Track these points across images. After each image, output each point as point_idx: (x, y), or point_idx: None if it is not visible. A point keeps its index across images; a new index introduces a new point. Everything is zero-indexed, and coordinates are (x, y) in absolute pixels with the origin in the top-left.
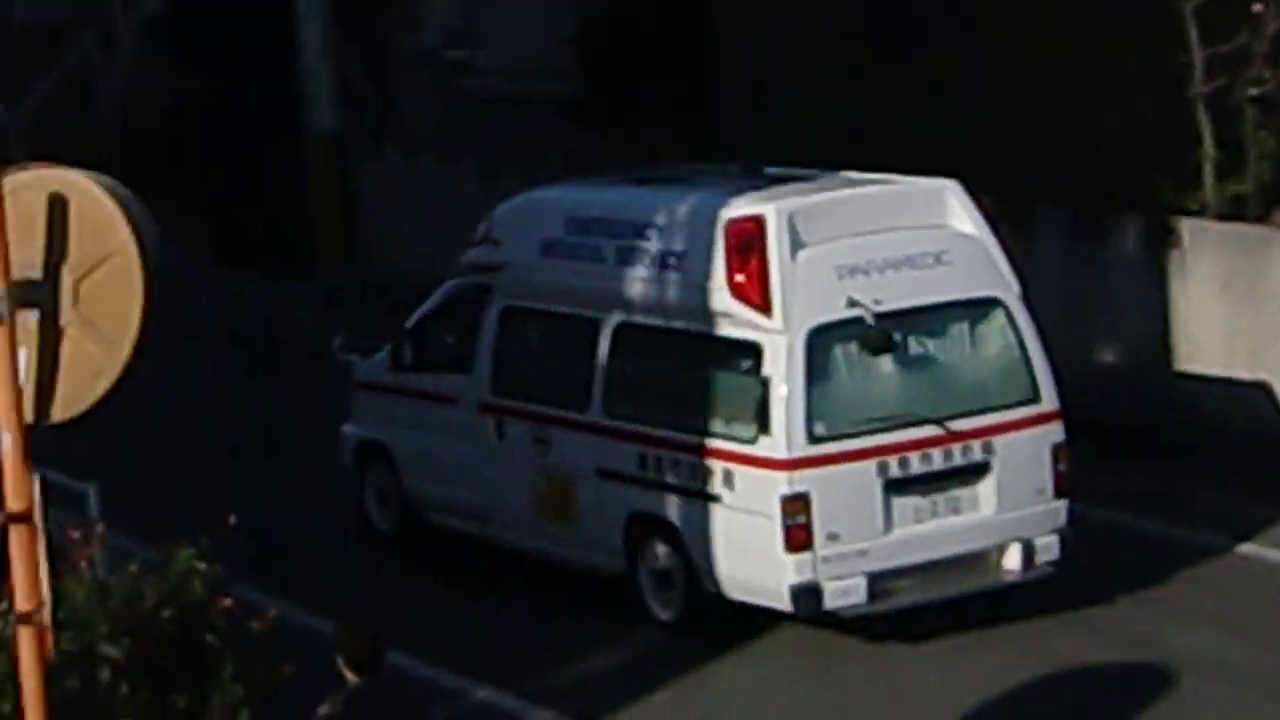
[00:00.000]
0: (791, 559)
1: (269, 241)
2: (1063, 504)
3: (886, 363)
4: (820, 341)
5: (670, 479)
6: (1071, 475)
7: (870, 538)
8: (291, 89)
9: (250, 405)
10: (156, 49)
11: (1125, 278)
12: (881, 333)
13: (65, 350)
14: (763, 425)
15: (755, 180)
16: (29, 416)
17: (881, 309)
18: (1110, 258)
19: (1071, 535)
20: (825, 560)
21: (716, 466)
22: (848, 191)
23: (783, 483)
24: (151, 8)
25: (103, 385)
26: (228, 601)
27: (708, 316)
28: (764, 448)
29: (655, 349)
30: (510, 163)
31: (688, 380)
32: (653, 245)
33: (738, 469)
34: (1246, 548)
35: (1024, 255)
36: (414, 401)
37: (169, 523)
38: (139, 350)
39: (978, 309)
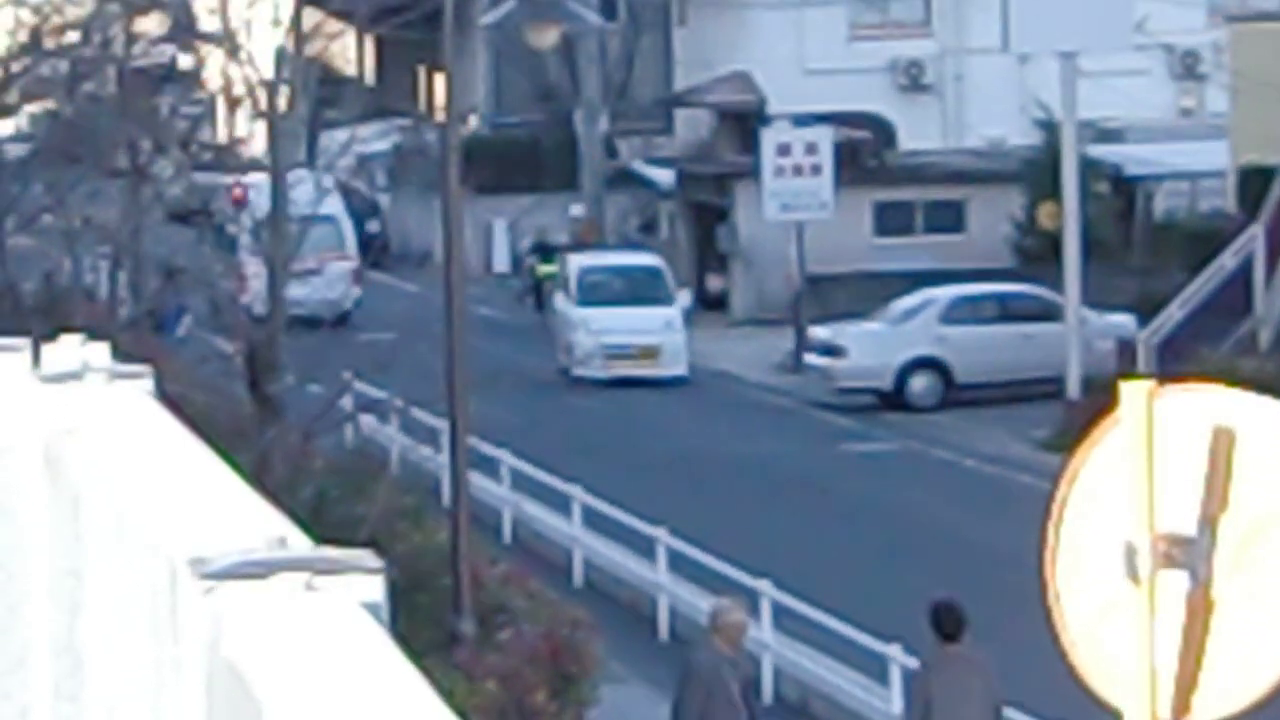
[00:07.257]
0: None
1: None
2: (357, 289)
3: None
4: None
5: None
6: None
7: None
8: None
9: None
10: None
11: None
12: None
13: (1217, 629)
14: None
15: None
16: (1165, 714)
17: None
18: None
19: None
20: None
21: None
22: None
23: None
24: None
25: (1269, 679)
26: None
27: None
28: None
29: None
30: None
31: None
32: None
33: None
34: None
35: None
36: None
37: None
38: None
39: (326, 221)
